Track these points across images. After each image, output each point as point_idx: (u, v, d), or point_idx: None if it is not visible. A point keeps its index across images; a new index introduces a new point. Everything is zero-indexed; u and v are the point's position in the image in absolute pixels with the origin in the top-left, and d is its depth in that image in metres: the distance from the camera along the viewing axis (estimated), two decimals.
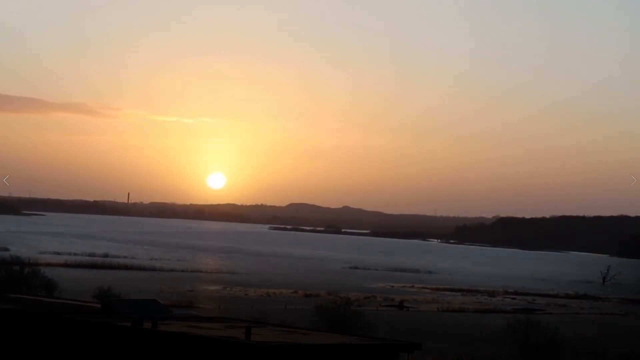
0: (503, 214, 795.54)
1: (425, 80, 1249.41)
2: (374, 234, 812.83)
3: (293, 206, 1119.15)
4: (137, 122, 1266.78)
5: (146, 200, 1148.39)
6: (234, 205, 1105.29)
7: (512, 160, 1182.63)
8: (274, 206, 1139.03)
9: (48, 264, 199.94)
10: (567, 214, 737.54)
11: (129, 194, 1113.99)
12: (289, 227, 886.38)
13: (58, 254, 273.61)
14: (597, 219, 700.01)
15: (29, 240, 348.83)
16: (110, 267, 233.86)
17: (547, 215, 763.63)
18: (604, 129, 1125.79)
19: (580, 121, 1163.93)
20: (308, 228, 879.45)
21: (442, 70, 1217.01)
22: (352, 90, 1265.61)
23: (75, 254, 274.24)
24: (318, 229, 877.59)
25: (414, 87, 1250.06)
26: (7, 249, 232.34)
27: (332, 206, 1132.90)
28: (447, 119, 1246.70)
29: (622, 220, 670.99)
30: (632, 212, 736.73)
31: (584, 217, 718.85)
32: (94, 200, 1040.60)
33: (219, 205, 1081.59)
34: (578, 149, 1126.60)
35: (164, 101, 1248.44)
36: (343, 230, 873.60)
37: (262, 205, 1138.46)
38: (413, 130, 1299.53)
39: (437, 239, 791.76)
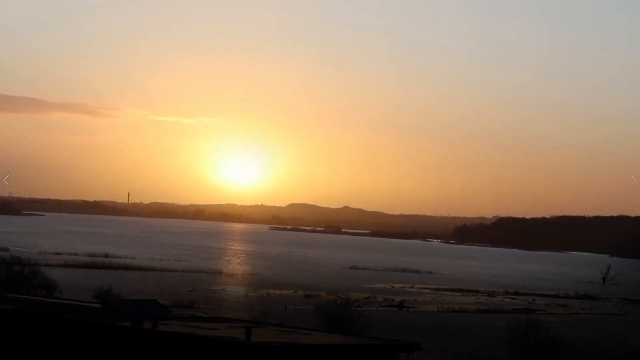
0: (503, 214, 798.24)
1: (425, 80, 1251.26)
2: (374, 234, 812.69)
3: (293, 206, 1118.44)
4: (137, 122, 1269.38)
5: (146, 200, 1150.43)
6: (234, 205, 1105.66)
7: (512, 160, 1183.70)
8: (274, 206, 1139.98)
9: (48, 264, 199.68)
10: (567, 214, 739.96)
11: (129, 194, 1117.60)
12: (289, 227, 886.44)
13: (58, 254, 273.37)
14: (597, 219, 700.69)
15: (29, 240, 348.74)
16: (110, 267, 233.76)
17: (547, 215, 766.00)
18: (604, 129, 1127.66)
19: (580, 121, 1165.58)
20: (308, 228, 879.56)
21: (442, 70, 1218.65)
22: (352, 90, 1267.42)
23: (75, 254, 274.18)
24: (318, 229, 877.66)
25: (414, 87, 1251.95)
26: (7, 249, 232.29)
27: (332, 206, 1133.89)
28: (447, 119, 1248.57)
29: (622, 220, 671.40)
30: (632, 212, 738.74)
31: (584, 217, 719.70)
32: (94, 200, 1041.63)
33: (219, 205, 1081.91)
34: (578, 149, 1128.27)
35: (164, 101, 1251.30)
36: (343, 230, 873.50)
37: (262, 205, 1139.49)
38: (413, 130, 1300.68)
39: (437, 239, 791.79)
